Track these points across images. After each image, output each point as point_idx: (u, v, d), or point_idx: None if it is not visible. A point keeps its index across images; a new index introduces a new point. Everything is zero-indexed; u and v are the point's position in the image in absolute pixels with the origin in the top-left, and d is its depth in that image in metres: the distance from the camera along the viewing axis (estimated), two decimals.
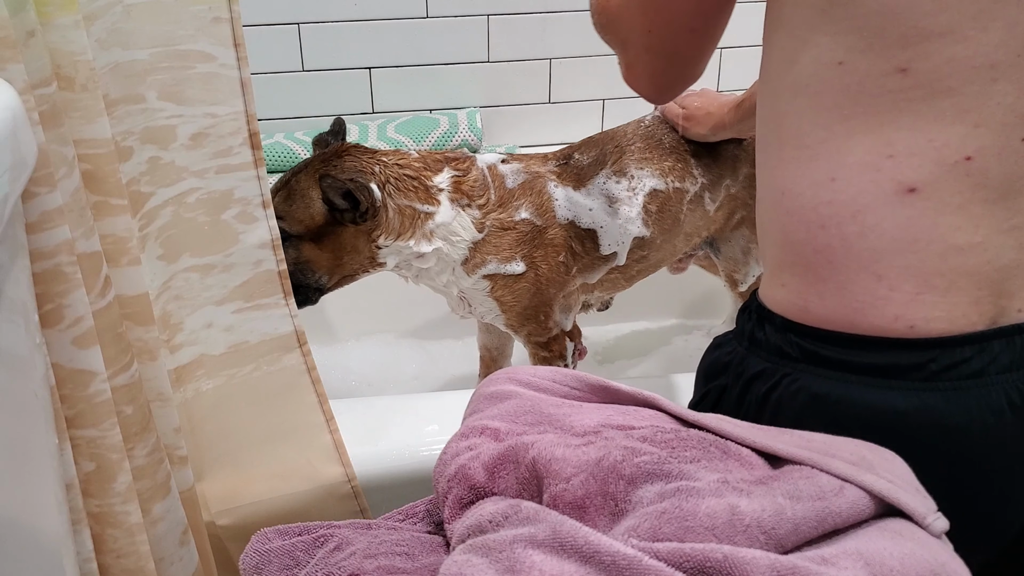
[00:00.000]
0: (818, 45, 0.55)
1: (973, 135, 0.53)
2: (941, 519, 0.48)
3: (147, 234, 0.83)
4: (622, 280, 1.15)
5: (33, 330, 0.61)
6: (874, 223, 0.55)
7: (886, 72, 0.53)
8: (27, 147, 0.56)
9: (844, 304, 0.57)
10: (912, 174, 0.54)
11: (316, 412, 0.96)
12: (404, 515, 0.64)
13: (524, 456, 0.54)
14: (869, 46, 0.53)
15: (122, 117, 0.77)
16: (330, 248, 1.01)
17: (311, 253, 1.01)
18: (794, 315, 0.59)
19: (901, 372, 0.55)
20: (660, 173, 1.08)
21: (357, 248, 1.02)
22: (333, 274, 1.04)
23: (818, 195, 0.57)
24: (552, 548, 0.45)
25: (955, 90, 0.52)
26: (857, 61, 0.54)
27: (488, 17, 1.61)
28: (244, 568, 0.59)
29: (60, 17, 0.64)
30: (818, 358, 0.58)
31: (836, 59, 0.55)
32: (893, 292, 0.55)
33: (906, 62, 0.53)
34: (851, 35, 0.54)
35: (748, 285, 1.23)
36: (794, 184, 0.58)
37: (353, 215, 0.99)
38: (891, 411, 0.55)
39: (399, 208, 1.01)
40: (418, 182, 1.02)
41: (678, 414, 0.59)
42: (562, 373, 0.65)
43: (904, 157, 0.54)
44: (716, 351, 0.67)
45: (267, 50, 1.57)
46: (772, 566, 0.42)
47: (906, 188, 0.54)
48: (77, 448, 0.68)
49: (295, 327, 0.94)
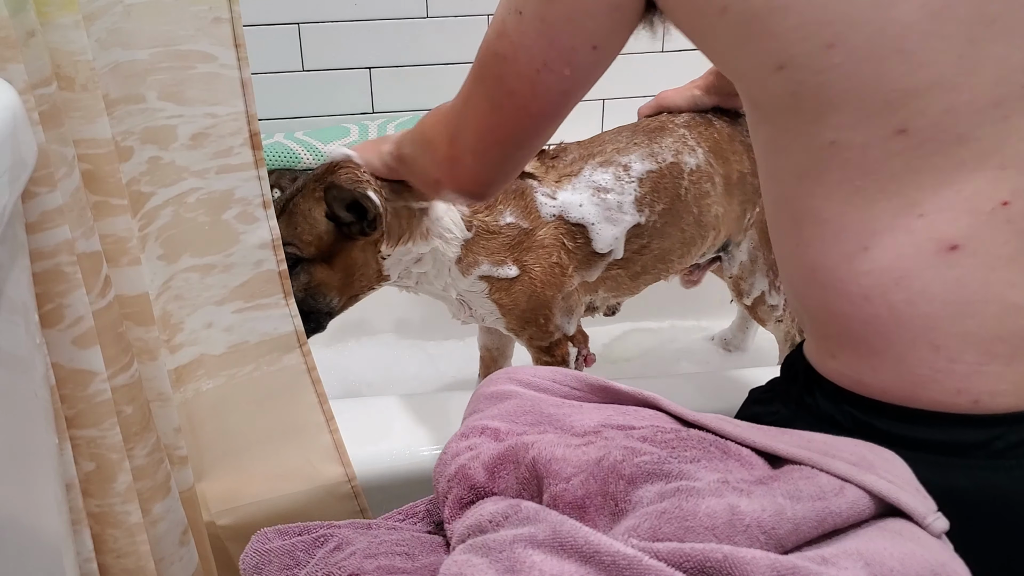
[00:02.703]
0: (804, 134, 0.53)
1: (1003, 177, 0.50)
2: (941, 519, 0.48)
3: (147, 234, 0.83)
4: (626, 278, 1.11)
5: (33, 330, 0.61)
6: (921, 288, 0.52)
7: (885, 137, 0.51)
8: (27, 147, 0.56)
9: (902, 378, 0.53)
10: (949, 230, 0.51)
11: (316, 412, 0.96)
12: (404, 515, 0.64)
13: (524, 456, 0.54)
14: (856, 120, 0.51)
15: (122, 117, 0.77)
16: (341, 267, 1.00)
17: (323, 275, 1.00)
18: (847, 385, 0.56)
19: (964, 450, 0.52)
20: (650, 154, 1.06)
21: (366, 261, 1.01)
22: (343, 294, 1.02)
23: (853, 267, 0.53)
24: (552, 548, 0.45)
25: (967, 136, 0.50)
26: (851, 136, 0.51)
27: (488, 17, 1.61)
28: (244, 568, 0.59)
29: (60, 17, 0.64)
30: (873, 430, 0.54)
31: (827, 140, 0.52)
32: (953, 364, 0.52)
33: (902, 123, 0.50)
34: (831, 117, 0.51)
35: (753, 298, 1.20)
36: (824, 259, 0.55)
37: (361, 226, 0.97)
38: (953, 490, 0.51)
39: (395, 211, 1.00)
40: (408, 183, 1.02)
41: (678, 414, 0.59)
42: (562, 373, 0.65)
43: (935, 213, 0.51)
44: (756, 407, 0.64)
45: (267, 50, 1.57)
46: (772, 566, 0.42)
47: (947, 246, 0.51)
48: (77, 448, 0.68)
49: (295, 327, 0.94)
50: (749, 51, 0.53)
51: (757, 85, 0.55)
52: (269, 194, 0.89)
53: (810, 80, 0.51)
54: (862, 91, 0.50)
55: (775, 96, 0.53)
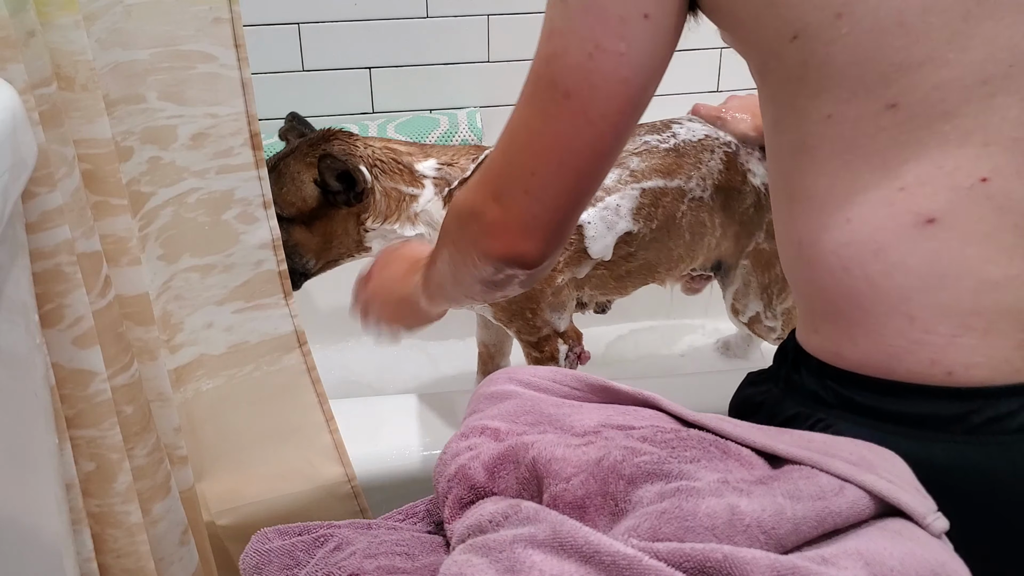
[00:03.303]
0: (804, 108, 0.54)
1: (984, 155, 0.51)
2: (941, 519, 0.48)
3: (147, 234, 0.83)
4: (610, 279, 1.11)
5: (33, 330, 0.61)
6: (898, 259, 0.53)
7: (876, 112, 0.52)
8: (27, 147, 0.56)
9: (878, 349, 0.54)
10: (927, 203, 0.52)
11: (316, 412, 0.96)
12: (404, 515, 0.64)
13: (524, 456, 0.54)
14: (853, 94, 0.52)
15: (122, 117, 0.77)
16: (320, 231, 1.03)
17: (300, 236, 1.03)
18: (829, 359, 0.57)
19: (940, 423, 0.53)
20: (663, 169, 1.05)
21: (346, 231, 1.03)
22: (320, 258, 1.05)
23: (835, 238, 0.55)
24: (552, 548, 0.45)
25: (952, 112, 0.51)
26: (845, 110, 0.53)
27: (488, 17, 1.61)
28: (244, 568, 0.59)
29: (60, 17, 0.64)
30: (853, 404, 0.55)
31: (824, 114, 0.53)
32: (928, 335, 0.52)
33: (893, 98, 0.51)
34: (832, 91, 0.53)
35: (749, 316, 1.20)
36: (809, 232, 0.56)
37: (347, 196, 1.00)
38: (930, 464, 0.52)
39: (385, 190, 1.02)
40: (403, 165, 1.04)
41: (678, 414, 0.59)
42: (562, 373, 0.65)
43: (915, 187, 0.52)
44: (749, 388, 0.65)
45: (267, 50, 1.57)
46: (772, 566, 0.42)
47: (924, 219, 0.52)
48: (77, 448, 0.68)
49: (295, 327, 0.94)
50: (768, 20, 0.54)
51: (773, 56, 0.56)
52: (269, 194, 0.89)
53: (820, 50, 0.52)
54: (863, 63, 0.51)
55: (787, 67, 0.55)
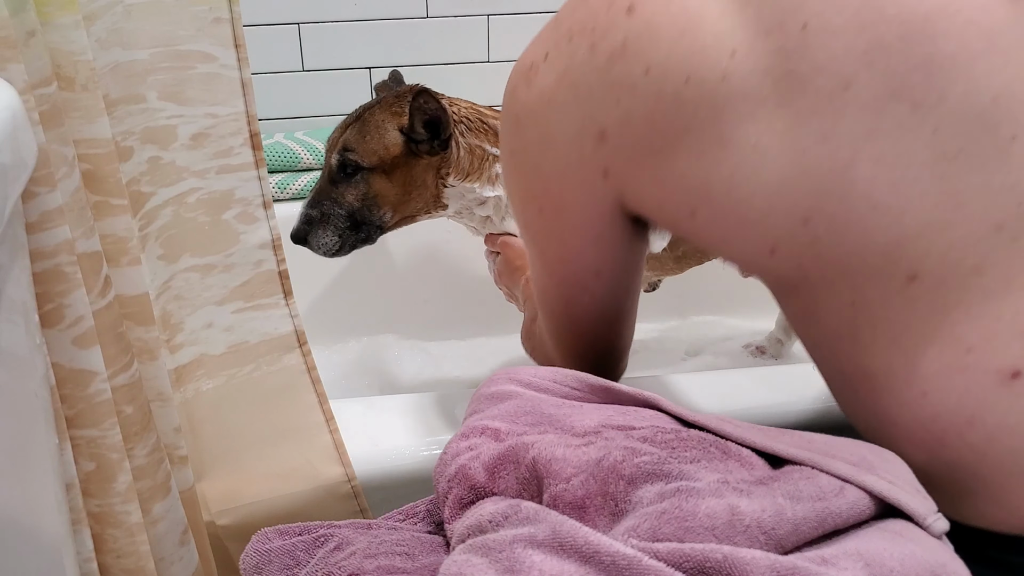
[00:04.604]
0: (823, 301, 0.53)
1: None
2: (941, 520, 0.48)
3: (147, 234, 0.83)
4: (669, 260, 1.10)
5: (33, 330, 0.61)
6: (996, 423, 0.49)
7: (899, 287, 0.50)
8: (27, 147, 0.56)
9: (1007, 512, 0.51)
10: (1004, 358, 0.49)
11: (316, 412, 0.96)
12: (404, 515, 0.64)
13: (524, 456, 0.54)
14: (866, 279, 0.51)
15: (122, 117, 0.77)
16: (400, 181, 1.03)
17: (381, 186, 1.03)
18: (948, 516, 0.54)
19: None
20: None
21: (425, 183, 1.04)
22: (397, 211, 1.05)
23: (918, 415, 0.52)
24: (552, 548, 0.45)
25: (982, 265, 0.48)
26: (865, 295, 0.51)
27: (488, 17, 1.61)
28: (244, 568, 0.59)
29: (60, 17, 0.64)
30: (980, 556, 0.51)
31: (846, 302, 0.52)
32: None
33: (910, 270, 0.49)
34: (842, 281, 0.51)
35: None
36: (886, 412, 0.53)
37: (430, 145, 1.01)
38: None
39: (470, 147, 1.02)
40: (488, 126, 1.04)
41: (678, 414, 0.59)
42: (563, 373, 0.65)
43: (983, 345, 0.49)
44: None
45: (267, 50, 1.57)
46: (772, 566, 0.42)
47: (1008, 374, 0.49)
48: (77, 448, 0.68)
49: (295, 327, 0.94)
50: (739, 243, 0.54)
51: (761, 271, 0.55)
52: (269, 194, 0.89)
53: (806, 254, 0.51)
54: (858, 252, 0.50)
55: (782, 276, 0.54)
